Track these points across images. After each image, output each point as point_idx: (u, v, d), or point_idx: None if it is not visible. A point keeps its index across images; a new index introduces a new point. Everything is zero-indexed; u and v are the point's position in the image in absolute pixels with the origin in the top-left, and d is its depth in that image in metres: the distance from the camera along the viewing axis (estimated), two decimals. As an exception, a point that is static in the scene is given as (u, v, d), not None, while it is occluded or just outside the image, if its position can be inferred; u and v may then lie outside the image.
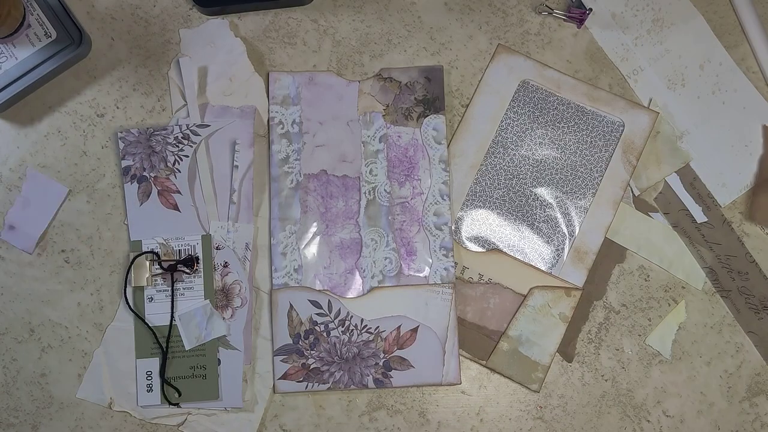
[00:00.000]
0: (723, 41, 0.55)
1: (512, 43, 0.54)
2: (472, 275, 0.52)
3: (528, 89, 0.54)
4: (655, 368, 0.52)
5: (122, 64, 0.53)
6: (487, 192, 0.53)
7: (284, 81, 0.53)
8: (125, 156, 0.51)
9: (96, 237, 0.51)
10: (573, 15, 0.54)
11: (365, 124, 0.52)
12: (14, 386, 0.50)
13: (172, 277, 0.50)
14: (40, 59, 0.50)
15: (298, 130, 0.52)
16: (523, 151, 0.53)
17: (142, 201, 0.51)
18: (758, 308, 0.53)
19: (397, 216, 0.51)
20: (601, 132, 0.53)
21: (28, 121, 0.52)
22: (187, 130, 0.51)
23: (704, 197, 0.54)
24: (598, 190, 0.53)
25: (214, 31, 0.53)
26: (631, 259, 0.53)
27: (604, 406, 0.52)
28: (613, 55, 0.55)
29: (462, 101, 0.54)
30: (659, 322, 0.53)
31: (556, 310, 0.51)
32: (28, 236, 0.50)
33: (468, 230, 0.52)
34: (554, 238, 0.52)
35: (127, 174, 0.51)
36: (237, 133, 0.52)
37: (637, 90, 0.54)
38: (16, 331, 0.50)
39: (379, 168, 0.52)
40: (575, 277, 0.52)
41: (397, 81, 0.53)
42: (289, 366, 0.50)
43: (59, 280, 0.50)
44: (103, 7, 0.53)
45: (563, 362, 0.52)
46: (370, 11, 0.54)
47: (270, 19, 0.54)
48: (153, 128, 0.51)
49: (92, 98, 0.52)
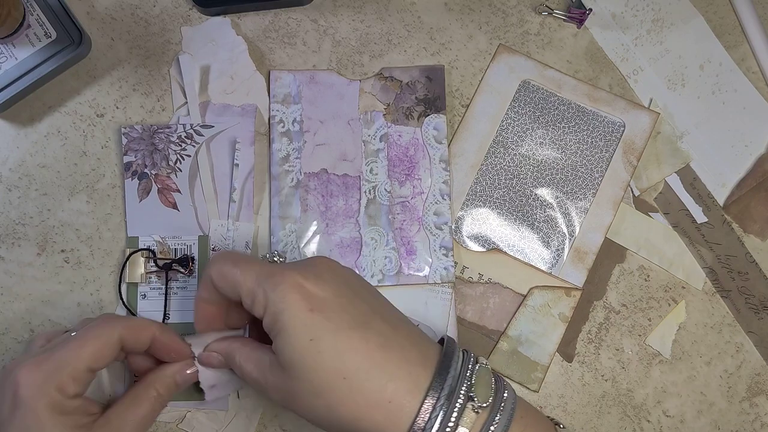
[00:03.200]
0: (723, 41, 0.55)
1: (512, 43, 0.54)
2: (472, 275, 0.52)
3: (529, 89, 0.54)
4: (655, 368, 0.52)
5: (122, 64, 0.53)
6: (487, 192, 0.53)
7: (285, 79, 0.53)
8: (128, 152, 0.51)
9: (96, 237, 0.51)
10: (573, 15, 0.54)
11: (366, 123, 0.52)
12: (14, 386, 0.50)
13: (166, 276, 0.50)
14: (40, 59, 0.50)
15: (298, 129, 0.52)
16: (524, 151, 0.53)
17: (142, 198, 0.51)
18: (758, 308, 0.53)
19: (397, 215, 0.52)
20: (601, 132, 0.53)
21: (28, 121, 0.52)
22: (191, 129, 0.51)
23: (704, 197, 0.54)
24: (598, 190, 0.53)
25: (216, 29, 0.53)
26: (631, 259, 0.53)
27: (604, 406, 0.52)
28: (613, 55, 0.55)
29: (462, 101, 0.54)
30: (659, 322, 0.53)
31: (555, 310, 0.51)
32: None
33: (468, 230, 0.52)
34: (554, 238, 0.52)
35: (129, 170, 0.51)
36: (238, 132, 0.52)
37: (637, 90, 0.54)
38: (16, 331, 0.50)
39: (379, 167, 0.52)
40: (575, 277, 0.52)
41: (398, 80, 0.53)
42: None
43: (59, 280, 0.50)
44: (103, 7, 0.53)
45: (563, 362, 0.52)
46: (370, 11, 0.54)
47: (270, 19, 0.54)
48: (157, 126, 0.51)
49: (92, 98, 0.52)
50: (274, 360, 0.39)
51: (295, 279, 0.39)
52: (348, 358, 0.37)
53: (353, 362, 0.37)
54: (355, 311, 0.39)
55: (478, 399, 0.37)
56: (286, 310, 0.38)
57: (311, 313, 0.38)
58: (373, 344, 0.38)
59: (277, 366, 0.39)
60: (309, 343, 0.37)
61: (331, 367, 0.37)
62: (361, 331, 0.38)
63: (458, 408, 0.37)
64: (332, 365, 0.37)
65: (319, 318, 0.38)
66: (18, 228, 0.50)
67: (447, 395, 0.37)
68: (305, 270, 0.40)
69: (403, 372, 0.38)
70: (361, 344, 0.38)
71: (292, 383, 0.38)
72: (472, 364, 0.39)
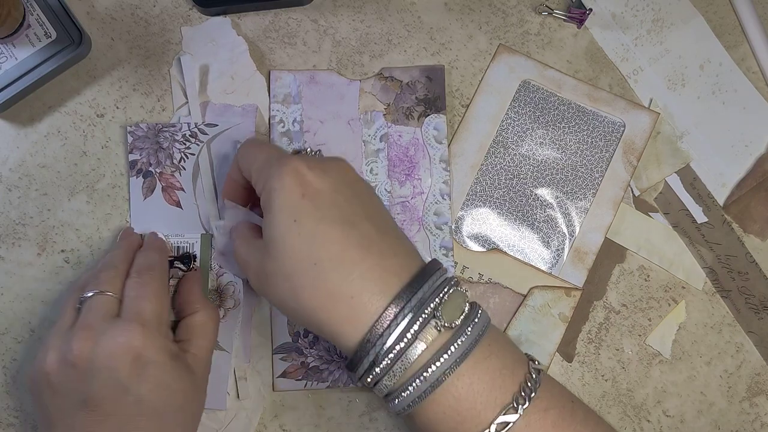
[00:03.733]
0: (723, 41, 0.55)
1: (512, 43, 0.54)
2: (472, 275, 0.52)
3: (529, 89, 0.54)
4: (655, 368, 0.52)
5: (122, 64, 0.53)
6: (487, 192, 0.53)
7: (285, 79, 0.53)
8: (133, 150, 0.51)
9: (96, 237, 0.51)
10: (573, 15, 0.54)
11: (366, 123, 0.52)
12: (14, 386, 0.49)
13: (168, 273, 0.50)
14: (40, 59, 0.50)
15: (299, 129, 0.52)
16: (524, 151, 0.53)
17: (146, 196, 0.51)
18: (758, 308, 0.53)
19: (397, 215, 0.51)
20: (601, 132, 0.53)
21: (28, 121, 0.52)
22: (195, 128, 0.51)
23: (704, 197, 0.54)
24: (598, 190, 0.53)
25: (216, 29, 0.53)
26: (631, 259, 0.53)
27: (605, 406, 0.52)
28: (613, 55, 0.55)
29: (462, 101, 0.54)
30: (659, 322, 0.53)
31: (556, 310, 0.51)
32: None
33: (468, 230, 0.52)
34: (554, 238, 0.52)
35: (134, 168, 0.51)
36: (238, 132, 0.52)
37: (637, 90, 0.54)
38: (16, 331, 0.50)
39: (379, 167, 0.52)
40: (575, 277, 0.52)
41: (398, 80, 0.53)
42: (289, 364, 0.50)
43: (59, 280, 0.50)
44: (103, 7, 0.53)
45: (563, 362, 0.52)
46: (370, 11, 0.54)
47: (270, 19, 0.54)
48: (162, 125, 0.51)
49: (92, 98, 0.52)
50: (261, 242, 0.41)
51: (299, 166, 0.40)
52: (323, 246, 0.38)
53: (327, 251, 0.38)
54: (347, 209, 0.39)
55: (443, 318, 0.37)
56: (279, 190, 0.39)
57: (302, 198, 0.39)
58: (352, 241, 0.38)
59: (262, 247, 0.40)
60: (292, 223, 0.38)
61: (305, 251, 0.38)
62: (346, 228, 0.39)
63: (420, 322, 0.37)
64: (306, 249, 0.38)
65: (308, 204, 0.39)
66: (18, 228, 0.50)
67: (413, 307, 0.37)
68: (313, 161, 0.41)
69: (374, 275, 0.38)
70: (340, 237, 0.38)
71: (268, 263, 0.39)
72: (450, 287, 0.39)
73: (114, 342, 0.39)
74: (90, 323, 0.41)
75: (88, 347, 0.39)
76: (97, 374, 0.39)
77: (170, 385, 0.40)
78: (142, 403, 0.39)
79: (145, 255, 0.46)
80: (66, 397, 0.40)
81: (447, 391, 0.37)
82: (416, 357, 0.37)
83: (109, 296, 0.42)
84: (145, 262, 0.45)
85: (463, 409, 0.37)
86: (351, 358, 0.38)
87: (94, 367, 0.39)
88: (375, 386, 0.38)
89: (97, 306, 0.42)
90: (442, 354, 0.37)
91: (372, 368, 0.37)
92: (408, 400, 0.38)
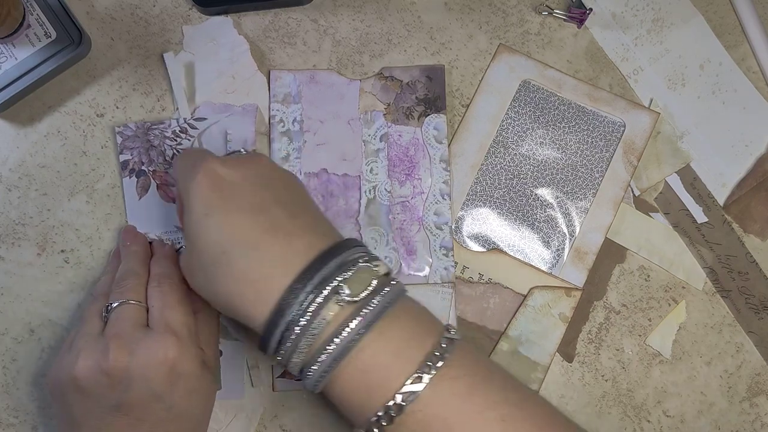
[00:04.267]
0: (723, 41, 0.55)
1: (512, 43, 0.54)
2: (472, 275, 0.52)
3: (529, 89, 0.54)
4: (655, 368, 0.52)
5: (122, 64, 0.52)
6: (487, 192, 0.53)
7: (285, 79, 0.53)
8: (123, 150, 0.51)
9: (96, 237, 0.51)
10: (573, 15, 0.54)
11: (366, 122, 0.52)
12: (14, 386, 0.49)
13: None
14: (40, 59, 0.50)
15: (298, 129, 0.52)
16: (524, 151, 0.53)
17: (141, 195, 0.51)
18: (758, 308, 0.53)
19: (397, 215, 0.51)
20: (602, 132, 0.53)
21: (28, 121, 0.52)
22: (185, 123, 0.51)
23: (704, 197, 0.54)
24: (598, 190, 0.53)
25: (217, 29, 0.53)
26: (631, 259, 0.53)
27: (605, 407, 0.52)
28: (613, 55, 0.55)
29: (462, 101, 0.54)
30: (659, 322, 0.53)
31: (556, 310, 0.51)
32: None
33: (468, 230, 0.52)
34: (554, 238, 0.52)
35: (126, 168, 0.51)
36: (235, 128, 0.52)
37: (637, 90, 0.54)
38: (16, 331, 0.50)
39: (379, 167, 0.52)
40: (575, 277, 0.52)
41: (398, 80, 0.53)
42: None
43: (59, 281, 0.50)
44: (103, 7, 0.53)
45: (563, 362, 0.52)
46: (370, 11, 0.54)
47: (270, 19, 0.54)
48: (150, 123, 0.51)
49: (92, 98, 0.52)
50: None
51: (213, 164, 0.41)
52: (231, 234, 0.39)
53: (235, 239, 0.39)
54: (256, 198, 0.40)
55: (347, 293, 0.37)
56: (193, 188, 0.40)
57: (210, 191, 0.40)
58: (261, 227, 0.39)
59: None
60: (203, 217, 0.39)
61: (215, 241, 0.39)
62: (254, 214, 0.40)
63: (323, 298, 0.37)
64: (216, 239, 0.39)
65: (217, 196, 0.40)
66: (18, 228, 0.50)
67: (316, 284, 0.37)
68: (230, 159, 0.42)
69: (280, 257, 0.39)
70: (248, 224, 0.39)
71: (189, 258, 0.41)
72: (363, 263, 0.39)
73: (150, 353, 0.40)
74: (120, 332, 0.42)
75: (124, 357, 0.40)
76: (133, 383, 0.40)
77: (198, 391, 0.42)
78: (173, 409, 0.41)
79: (159, 263, 0.47)
80: (97, 401, 0.41)
81: (352, 363, 0.37)
82: (319, 332, 0.37)
83: (136, 305, 0.43)
84: (162, 270, 0.46)
85: (371, 380, 0.37)
86: (260, 338, 0.39)
87: (129, 376, 0.40)
88: (288, 365, 0.39)
89: (126, 315, 0.43)
90: (344, 327, 0.37)
91: (280, 347, 0.38)
92: (317, 375, 0.38)
